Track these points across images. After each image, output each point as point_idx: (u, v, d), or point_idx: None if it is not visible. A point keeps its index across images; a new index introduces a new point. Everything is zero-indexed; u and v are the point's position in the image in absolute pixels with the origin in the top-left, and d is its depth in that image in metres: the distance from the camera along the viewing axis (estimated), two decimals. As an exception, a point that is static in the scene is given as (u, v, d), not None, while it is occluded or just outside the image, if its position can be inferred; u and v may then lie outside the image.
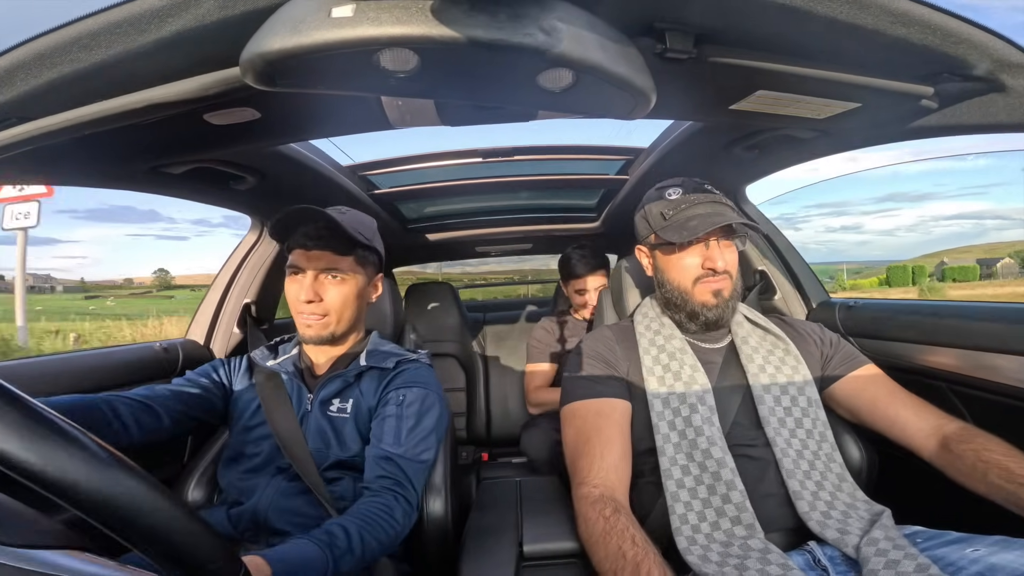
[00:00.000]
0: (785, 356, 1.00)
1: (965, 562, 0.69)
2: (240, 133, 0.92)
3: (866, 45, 0.65)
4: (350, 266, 0.99)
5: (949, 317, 1.12)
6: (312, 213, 0.93)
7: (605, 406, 0.95)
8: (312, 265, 0.96)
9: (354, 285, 1.00)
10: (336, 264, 0.97)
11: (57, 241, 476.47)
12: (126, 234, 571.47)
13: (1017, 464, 0.77)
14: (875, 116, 0.88)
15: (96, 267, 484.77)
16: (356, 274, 1.00)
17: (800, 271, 1.59)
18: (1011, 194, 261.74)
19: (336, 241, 0.96)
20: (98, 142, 0.86)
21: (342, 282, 0.98)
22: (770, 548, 0.77)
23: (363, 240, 0.99)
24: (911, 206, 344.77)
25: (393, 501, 0.83)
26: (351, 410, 0.97)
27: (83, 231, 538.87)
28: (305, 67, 0.55)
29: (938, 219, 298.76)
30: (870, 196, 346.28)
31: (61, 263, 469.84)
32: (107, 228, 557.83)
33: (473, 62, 0.57)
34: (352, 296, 1.00)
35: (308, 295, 0.94)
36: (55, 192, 8.98)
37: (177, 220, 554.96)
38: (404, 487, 0.86)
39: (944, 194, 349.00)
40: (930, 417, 0.92)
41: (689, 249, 0.99)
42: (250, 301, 1.61)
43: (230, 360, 1.08)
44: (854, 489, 0.90)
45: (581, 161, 1.72)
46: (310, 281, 0.95)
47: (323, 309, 0.97)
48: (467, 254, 2.79)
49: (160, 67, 0.61)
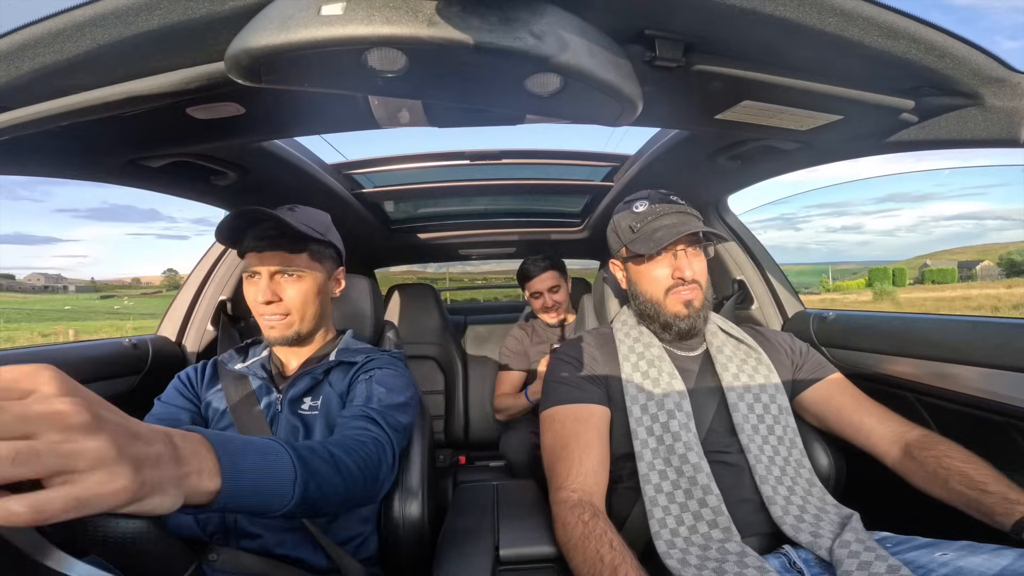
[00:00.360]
0: (758, 365, 1.02)
1: (934, 565, 0.70)
2: (223, 128, 0.90)
3: (851, 58, 0.66)
4: (305, 263, 0.97)
5: (918, 330, 1.15)
6: (258, 214, 0.92)
7: (584, 411, 0.96)
8: (266, 266, 0.95)
9: (312, 281, 0.98)
10: (290, 262, 0.95)
11: (57, 240, 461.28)
12: (127, 233, 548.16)
13: (976, 470, 0.80)
14: (856, 129, 0.90)
15: (96, 266, 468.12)
16: (313, 270, 0.99)
17: (777, 281, 1.62)
18: (1011, 195, 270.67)
19: (287, 240, 0.95)
20: (76, 133, 0.84)
21: (299, 279, 0.97)
22: (747, 551, 0.78)
23: (315, 235, 0.98)
24: (912, 206, 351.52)
25: (361, 435, 0.79)
26: (321, 406, 0.95)
27: (84, 230, 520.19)
28: (292, 64, 0.54)
29: (939, 219, 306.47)
30: (871, 196, 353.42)
31: (61, 262, 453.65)
32: (108, 227, 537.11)
33: (462, 64, 0.57)
34: (312, 292, 0.98)
35: (266, 295, 0.93)
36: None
37: (178, 219, 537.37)
38: (375, 429, 0.82)
39: (945, 195, 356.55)
40: (893, 425, 0.95)
41: (658, 260, 1.01)
42: (226, 298, 1.58)
43: (191, 370, 1.05)
44: (823, 494, 0.92)
45: (567, 166, 1.73)
46: (266, 282, 0.94)
47: (283, 309, 0.96)
48: (451, 256, 2.78)
49: (145, 60, 0.60)
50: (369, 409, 0.86)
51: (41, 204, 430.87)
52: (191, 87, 0.62)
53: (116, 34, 0.55)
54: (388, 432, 0.84)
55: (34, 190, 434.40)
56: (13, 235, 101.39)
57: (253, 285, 0.96)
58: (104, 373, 1.28)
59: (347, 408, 0.90)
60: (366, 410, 0.86)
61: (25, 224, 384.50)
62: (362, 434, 0.79)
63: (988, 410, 0.96)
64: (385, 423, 0.85)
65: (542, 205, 2.22)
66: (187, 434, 0.47)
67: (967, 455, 0.84)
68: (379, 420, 0.85)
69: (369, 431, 0.81)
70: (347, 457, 0.71)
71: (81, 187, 26.39)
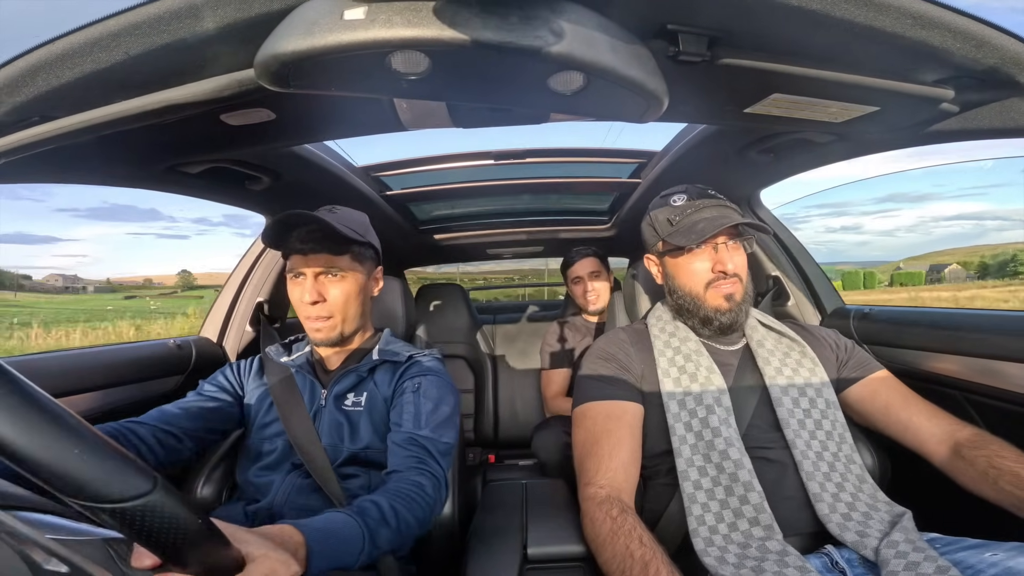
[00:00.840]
0: (801, 359, 0.99)
1: (984, 566, 0.68)
2: (255, 133, 0.93)
3: (884, 48, 0.64)
4: (347, 264, 1.00)
5: (964, 325, 1.10)
6: (302, 217, 0.94)
7: (616, 408, 0.95)
8: (311, 267, 0.97)
9: (354, 281, 1.01)
10: (334, 263, 0.98)
11: (57, 239, 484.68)
12: (127, 232, 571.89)
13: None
14: (893, 120, 0.86)
15: (96, 266, 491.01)
16: (355, 271, 1.01)
17: (814, 277, 1.57)
18: (1011, 195, 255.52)
19: (330, 241, 0.97)
20: (116, 142, 0.88)
21: (342, 279, 0.99)
22: (788, 550, 0.76)
23: (357, 237, 1.00)
24: (911, 207, 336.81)
25: (421, 478, 0.83)
26: (365, 403, 0.97)
27: (84, 229, 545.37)
28: (318, 69, 0.56)
29: (938, 220, 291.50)
30: (870, 197, 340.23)
31: (60, 262, 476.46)
32: (108, 227, 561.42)
33: (484, 64, 0.58)
34: (354, 292, 1.01)
35: (312, 296, 0.96)
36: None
37: (178, 219, 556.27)
38: (430, 464, 0.86)
39: (944, 195, 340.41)
40: (943, 423, 0.91)
41: (698, 253, 0.99)
42: (263, 300, 1.63)
43: (239, 363, 1.09)
44: (874, 491, 0.88)
45: (593, 164, 1.71)
46: (311, 283, 0.97)
47: (328, 311, 0.98)
48: (478, 256, 2.80)
49: (178, 68, 0.62)
50: (420, 437, 0.89)
51: (42, 204, 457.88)
52: (224, 94, 0.64)
53: (149, 43, 0.57)
54: (440, 463, 0.88)
55: (35, 190, 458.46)
56: (14, 234, 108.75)
57: (298, 286, 0.98)
58: (151, 373, 1.33)
59: (396, 430, 0.92)
60: (417, 438, 0.89)
61: (26, 224, 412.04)
62: (421, 478, 0.83)
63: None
64: (436, 451, 0.89)
65: (568, 204, 2.21)
66: (294, 533, 0.59)
67: (1019, 455, 0.80)
68: (431, 449, 0.88)
69: (424, 469, 0.85)
70: (409, 514, 0.76)
71: (81, 187, 27.83)
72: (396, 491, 0.79)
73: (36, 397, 0.35)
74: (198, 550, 0.41)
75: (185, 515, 0.39)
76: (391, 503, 0.75)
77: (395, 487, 0.80)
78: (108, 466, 0.36)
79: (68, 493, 0.34)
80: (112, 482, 0.35)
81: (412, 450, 0.87)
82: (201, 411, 0.98)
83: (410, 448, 0.87)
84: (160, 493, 0.37)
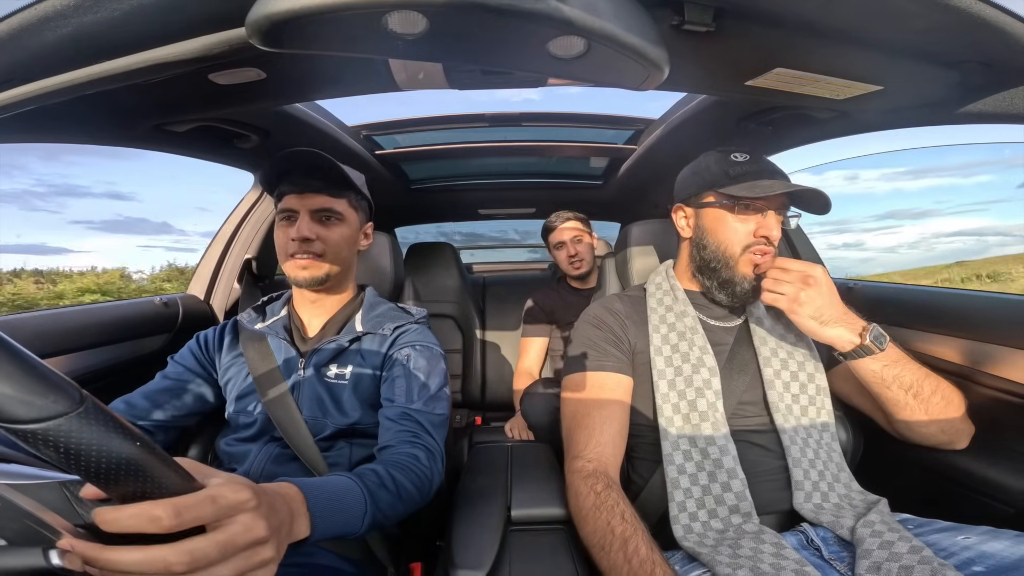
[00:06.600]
0: (798, 340, 0.98)
1: (956, 548, 0.70)
2: (245, 93, 0.90)
3: (895, 27, 0.62)
4: (344, 208, 0.96)
5: (946, 304, 1.12)
6: (305, 154, 0.90)
7: (609, 380, 0.94)
8: (306, 206, 0.92)
9: (348, 228, 0.97)
10: (331, 204, 0.94)
11: (68, 251, 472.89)
12: (138, 245, 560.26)
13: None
14: (897, 99, 0.85)
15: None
16: (349, 218, 0.98)
17: (805, 254, 1.59)
18: (1011, 211, 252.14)
19: (330, 182, 0.93)
20: (102, 101, 0.85)
21: (338, 223, 0.96)
22: (764, 529, 0.78)
23: (356, 183, 0.97)
24: (912, 223, 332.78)
25: (415, 450, 0.82)
26: (350, 376, 0.94)
27: (96, 241, 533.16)
28: (312, 29, 0.54)
29: (939, 236, 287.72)
30: (870, 214, 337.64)
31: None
32: (120, 239, 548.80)
33: (483, 26, 0.56)
34: (347, 238, 0.97)
35: (302, 232, 0.91)
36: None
37: (188, 232, 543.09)
38: (424, 438, 0.85)
39: (945, 211, 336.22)
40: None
41: (747, 213, 0.93)
42: (251, 257, 1.61)
43: (205, 335, 1.04)
44: (850, 480, 0.90)
45: (589, 129, 1.69)
46: (305, 221, 0.92)
47: (319, 248, 0.93)
48: (470, 216, 2.76)
49: (165, 27, 0.59)
50: (412, 411, 0.88)
51: (56, 215, 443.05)
52: (213, 53, 0.62)
53: (135, 2, 0.54)
54: (434, 435, 0.87)
55: (50, 201, 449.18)
56: (28, 246, 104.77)
57: (288, 227, 0.93)
58: (138, 332, 1.33)
59: (389, 406, 0.90)
60: (410, 412, 0.88)
61: (42, 235, 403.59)
62: (415, 450, 0.83)
63: (1013, 393, 0.94)
64: (430, 425, 0.88)
65: (563, 167, 2.19)
66: (292, 492, 0.56)
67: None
68: (424, 424, 0.87)
69: (419, 442, 0.84)
70: (407, 481, 0.76)
71: (97, 200, 25.17)
72: (391, 461, 0.78)
73: None
74: (145, 478, 0.37)
75: (119, 437, 0.35)
76: (387, 470, 0.74)
77: (389, 458, 0.79)
78: (25, 382, 0.32)
79: None
80: (32, 400, 0.32)
81: (405, 424, 0.86)
82: (171, 401, 0.95)
83: (403, 423, 0.86)
84: (85, 411, 0.34)
